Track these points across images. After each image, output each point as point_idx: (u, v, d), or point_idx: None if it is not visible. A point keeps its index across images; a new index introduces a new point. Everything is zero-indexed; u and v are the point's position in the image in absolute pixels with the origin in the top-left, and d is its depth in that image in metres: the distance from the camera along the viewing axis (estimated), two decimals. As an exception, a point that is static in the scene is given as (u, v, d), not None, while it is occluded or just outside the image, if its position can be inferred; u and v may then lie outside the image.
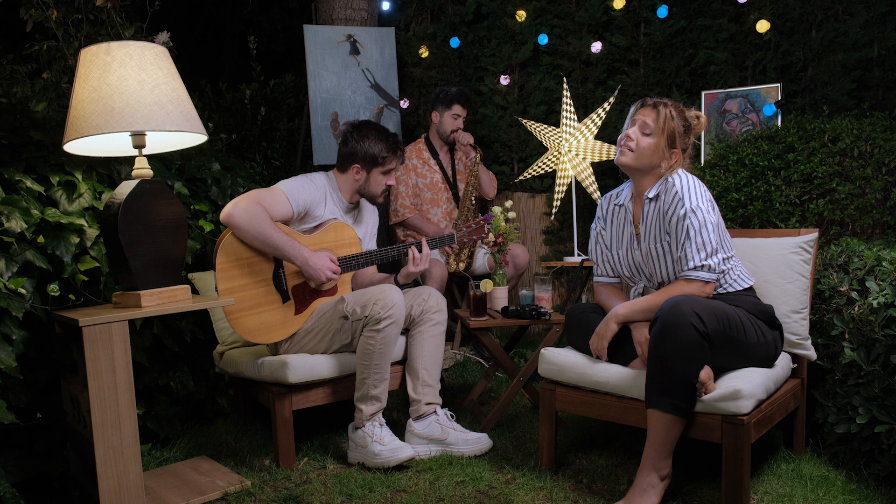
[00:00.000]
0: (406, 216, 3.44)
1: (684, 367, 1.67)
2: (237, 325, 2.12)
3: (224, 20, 7.91)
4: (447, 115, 3.47)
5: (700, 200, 1.83)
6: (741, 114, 3.27)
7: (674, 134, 1.90)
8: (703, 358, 1.70)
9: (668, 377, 1.69)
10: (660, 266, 1.93)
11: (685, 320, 1.67)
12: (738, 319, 1.78)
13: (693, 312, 1.68)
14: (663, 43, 3.61)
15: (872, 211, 2.44)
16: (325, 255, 2.23)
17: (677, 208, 1.84)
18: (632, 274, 2.04)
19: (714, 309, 1.73)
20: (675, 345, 1.67)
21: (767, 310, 1.90)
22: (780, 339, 1.92)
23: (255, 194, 2.18)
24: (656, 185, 1.94)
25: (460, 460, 2.16)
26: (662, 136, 1.90)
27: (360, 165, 2.40)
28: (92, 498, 1.79)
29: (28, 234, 1.94)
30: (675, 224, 1.85)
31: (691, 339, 1.66)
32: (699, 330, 1.67)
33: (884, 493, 1.80)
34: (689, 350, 1.67)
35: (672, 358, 1.68)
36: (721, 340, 1.73)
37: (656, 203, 1.92)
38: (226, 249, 2.12)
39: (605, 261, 2.11)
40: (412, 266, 2.34)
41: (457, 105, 3.46)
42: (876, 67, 3.09)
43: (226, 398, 2.64)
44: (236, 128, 4.18)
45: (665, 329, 1.69)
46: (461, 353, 3.44)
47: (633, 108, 1.99)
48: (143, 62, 1.79)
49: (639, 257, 2.00)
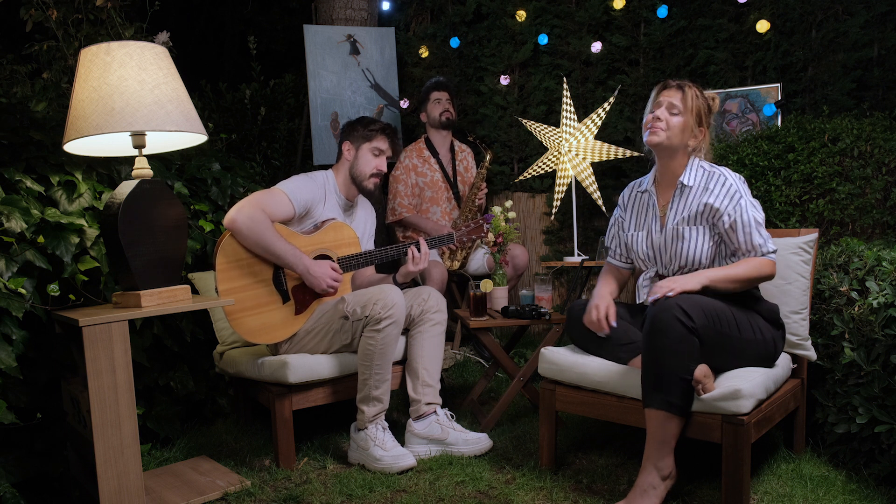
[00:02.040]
0: (403, 215, 3.44)
1: (674, 362, 1.69)
2: (237, 325, 2.12)
3: (224, 20, 7.91)
4: (429, 106, 3.54)
5: (751, 196, 1.90)
6: (741, 114, 3.27)
7: (700, 112, 1.95)
8: (693, 353, 1.71)
9: (659, 374, 1.71)
10: (685, 248, 1.93)
11: (670, 315, 1.69)
12: (728, 315, 1.79)
13: (678, 307, 1.70)
14: (663, 43, 3.61)
15: (872, 211, 2.44)
16: (326, 264, 2.23)
17: (734, 198, 1.87)
18: (647, 258, 2.05)
19: (702, 304, 1.74)
20: (663, 341, 1.70)
21: (772, 308, 1.90)
22: (782, 340, 1.92)
23: (258, 199, 2.17)
24: (692, 171, 1.95)
25: (460, 460, 2.16)
26: (691, 115, 1.93)
27: (351, 142, 2.44)
28: (92, 498, 1.79)
29: (28, 234, 1.94)
30: (739, 214, 1.86)
31: (678, 334, 1.69)
32: (685, 325, 1.69)
33: (884, 493, 1.80)
34: (677, 345, 1.69)
35: (662, 355, 1.70)
36: (711, 336, 1.74)
37: (696, 188, 1.94)
38: (225, 250, 2.12)
39: (620, 244, 2.15)
40: (411, 265, 2.34)
41: (433, 93, 3.53)
42: (876, 67, 3.09)
43: (226, 398, 2.64)
44: (236, 128, 4.19)
45: (653, 326, 1.72)
46: (461, 353, 3.44)
47: (654, 91, 2.01)
48: (143, 62, 1.79)
49: (659, 240, 2.00)
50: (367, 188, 2.45)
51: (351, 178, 2.44)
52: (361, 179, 2.43)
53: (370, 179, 2.43)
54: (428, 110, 3.54)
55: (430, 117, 3.54)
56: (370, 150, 2.42)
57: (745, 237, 1.86)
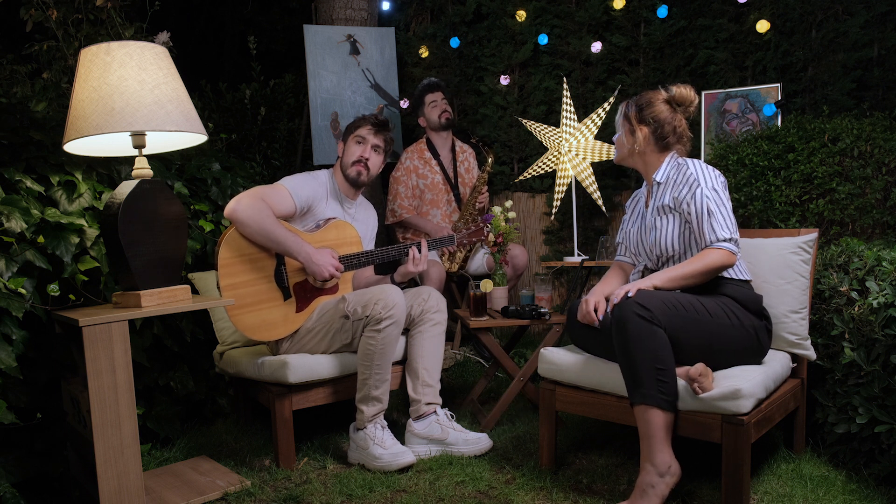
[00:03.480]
0: (403, 216, 3.44)
1: (641, 355, 1.73)
2: (238, 321, 2.12)
3: (224, 20, 7.91)
4: (426, 110, 3.53)
5: (714, 182, 1.92)
6: (741, 114, 3.27)
7: (629, 118, 2.06)
8: (659, 343, 1.73)
9: (631, 370, 1.75)
10: (656, 237, 2.01)
11: (629, 311, 1.75)
12: (692, 301, 1.82)
13: (635, 303, 1.76)
14: (663, 43, 3.61)
15: (872, 211, 2.44)
16: (328, 252, 2.24)
17: (692, 187, 1.92)
18: (638, 252, 2.12)
19: (661, 297, 1.79)
20: (626, 337, 1.74)
21: (755, 298, 1.92)
22: (768, 332, 1.92)
23: (259, 190, 2.19)
24: (663, 168, 2.04)
25: (460, 460, 2.16)
26: (624, 127, 2.09)
27: (343, 141, 2.49)
28: (92, 498, 1.79)
29: (28, 234, 1.94)
30: (692, 202, 1.91)
31: (638, 326, 1.73)
32: (643, 317, 1.73)
33: (884, 493, 1.80)
34: (640, 338, 1.73)
35: (629, 350, 1.74)
36: (679, 324, 1.77)
37: (666, 183, 2.02)
38: (229, 244, 2.12)
39: (623, 240, 2.23)
40: (411, 266, 2.34)
41: (428, 95, 3.52)
42: (876, 67, 3.09)
43: (226, 398, 2.64)
44: (236, 128, 4.19)
45: (617, 326, 1.77)
46: (461, 353, 3.44)
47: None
48: (143, 62, 1.79)
49: (642, 232, 2.09)
50: (350, 176, 2.42)
51: (342, 173, 2.45)
52: (346, 169, 2.43)
53: (353, 167, 2.41)
54: (426, 114, 3.53)
55: (430, 120, 3.52)
56: (353, 140, 2.45)
57: (698, 228, 1.91)
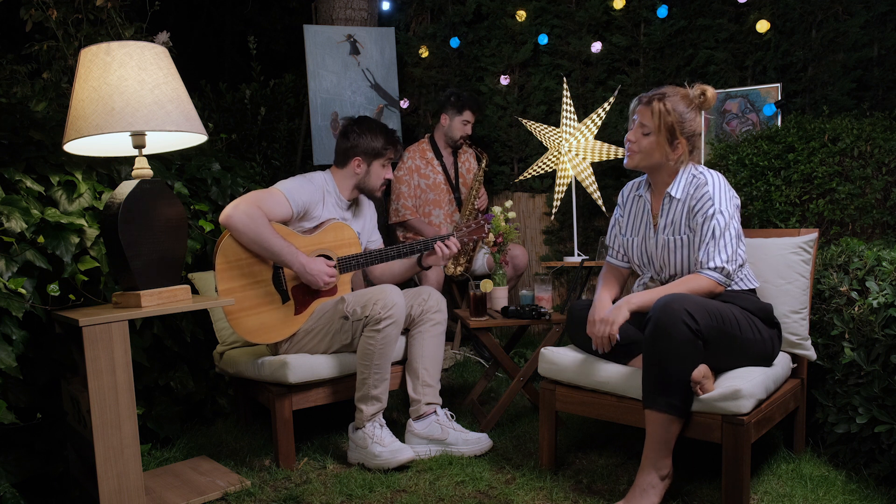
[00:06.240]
0: (406, 217, 3.44)
1: (679, 365, 1.68)
2: (237, 325, 2.13)
3: (224, 20, 7.90)
4: (457, 121, 3.48)
5: (727, 205, 1.86)
6: (741, 114, 3.27)
7: (673, 127, 1.90)
8: (697, 356, 1.70)
9: (663, 377, 1.70)
10: (674, 258, 1.95)
11: (677, 318, 1.67)
12: (731, 315, 1.78)
13: (685, 310, 1.68)
14: (663, 43, 3.61)
15: (872, 211, 2.44)
16: (321, 261, 2.24)
17: (706, 206, 1.86)
18: (642, 263, 2.06)
19: (706, 306, 1.73)
20: (668, 344, 1.68)
21: (766, 308, 1.90)
22: (779, 338, 1.92)
23: (255, 197, 2.18)
24: (681, 182, 1.94)
25: (460, 460, 2.16)
26: (661, 133, 1.90)
27: (362, 158, 2.41)
28: (92, 498, 1.79)
29: (28, 234, 1.94)
30: (702, 222, 1.87)
31: (684, 337, 1.67)
32: (691, 328, 1.67)
33: (884, 493, 1.80)
34: (682, 349, 1.67)
35: (666, 358, 1.69)
36: (715, 337, 1.73)
37: (683, 199, 1.93)
38: (225, 251, 2.12)
39: (620, 245, 2.14)
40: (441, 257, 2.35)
41: (468, 111, 3.47)
42: (876, 67, 3.08)
43: (226, 398, 2.64)
44: (236, 128, 4.18)
45: (658, 328, 1.70)
46: (461, 353, 3.44)
47: (631, 106, 2.00)
48: (143, 62, 1.79)
49: (653, 247, 2.01)
50: (377, 197, 2.54)
51: (358, 188, 2.47)
52: (371, 190, 2.48)
53: (380, 189, 2.50)
54: (453, 125, 3.48)
55: (450, 134, 3.50)
56: (380, 164, 2.44)
57: (697, 245, 1.88)
